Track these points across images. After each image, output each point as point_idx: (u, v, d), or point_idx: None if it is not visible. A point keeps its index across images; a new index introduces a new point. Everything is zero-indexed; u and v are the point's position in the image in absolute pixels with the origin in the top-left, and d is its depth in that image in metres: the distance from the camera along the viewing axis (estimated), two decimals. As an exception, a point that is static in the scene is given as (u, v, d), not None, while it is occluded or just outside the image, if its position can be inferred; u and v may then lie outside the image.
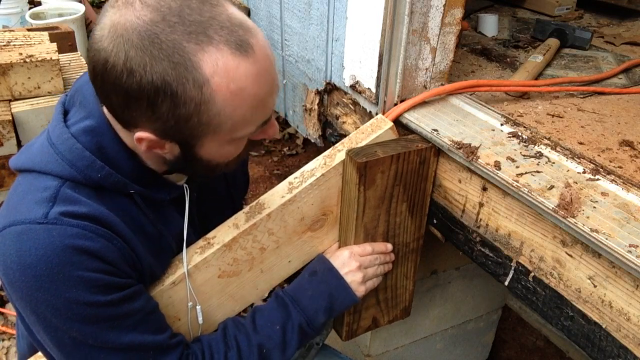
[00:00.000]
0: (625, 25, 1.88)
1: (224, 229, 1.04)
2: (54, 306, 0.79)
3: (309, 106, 1.50)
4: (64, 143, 0.84)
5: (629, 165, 0.98)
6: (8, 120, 2.10)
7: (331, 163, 1.07)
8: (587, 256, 0.84)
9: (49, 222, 0.78)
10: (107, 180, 0.85)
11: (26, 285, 0.78)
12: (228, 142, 0.82)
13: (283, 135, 3.61)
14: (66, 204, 0.81)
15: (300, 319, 1.04)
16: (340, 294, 1.09)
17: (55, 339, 0.83)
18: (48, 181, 0.83)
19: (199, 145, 0.81)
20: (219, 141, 0.81)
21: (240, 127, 0.80)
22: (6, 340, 2.03)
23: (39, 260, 0.77)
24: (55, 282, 0.78)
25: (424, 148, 1.07)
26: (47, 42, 2.33)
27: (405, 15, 1.05)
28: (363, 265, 1.12)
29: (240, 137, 0.83)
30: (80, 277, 0.79)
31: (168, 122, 0.76)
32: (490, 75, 1.42)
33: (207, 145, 0.82)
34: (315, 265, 1.12)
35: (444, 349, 1.88)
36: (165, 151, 0.83)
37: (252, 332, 1.02)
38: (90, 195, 0.84)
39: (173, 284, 0.98)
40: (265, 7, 1.65)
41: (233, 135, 0.81)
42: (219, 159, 0.86)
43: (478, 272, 1.71)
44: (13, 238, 0.78)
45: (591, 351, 0.87)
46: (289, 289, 1.08)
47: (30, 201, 0.81)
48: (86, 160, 0.83)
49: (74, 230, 0.79)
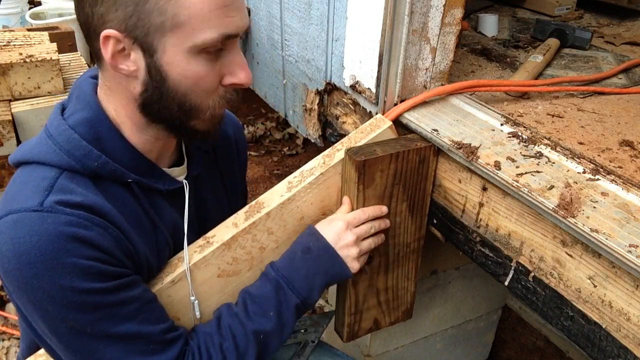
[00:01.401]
0: (625, 25, 1.88)
1: (223, 227, 1.04)
2: (50, 294, 0.79)
3: (309, 106, 1.50)
4: (62, 134, 0.85)
5: (629, 165, 0.98)
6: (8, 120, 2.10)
7: (330, 162, 1.07)
8: (587, 256, 0.84)
9: (43, 210, 0.79)
10: (104, 169, 0.86)
11: (21, 274, 0.78)
12: (191, 51, 0.81)
13: (283, 135, 3.61)
14: (62, 193, 0.82)
15: (295, 300, 1.01)
16: (335, 270, 1.05)
17: (53, 328, 0.82)
18: (46, 171, 0.84)
19: (161, 50, 0.80)
20: (181, 46, 0.80)
21: (199, 25, 0.79)
22: (6, 340, 2.03)
23: (32, 247, 0.77)
24: (49, 269, 0.78)
25: (423, 147, 1.07)
26: (47, 42, 2.33)
27: (405, 15, 1.05)
28: (359, 238, 1.06)
29: (203, 44, 0.80)
30: (75, 264, 0.79)
31: (128, 8, 0.77)
32: (490, 75, 1.42)
33: (169, 51, 0.80)
34: (308, 241, 1.05)
35: (444, 349, 1.88)
36: (130, 65, 0.82)
37: (246, 320, 0.99)
38: (87, 185, 0.85)
39: (172, 282, 0.98)
40: (265, 7, 1.65)
41: (194, 38, 0.79)
42: (187, 82, 0.83)
43: (478, 272, 1.71)
44: (9, 226, 0.79)
45: (591, 351, 0.87)
46: (281, 267, 1.03)
47: (27, 191, 0.82)
48: (83, 150, 0.85)
49: (68, 218, 0.80)
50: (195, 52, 0.81)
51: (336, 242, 1.04)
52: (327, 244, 1.04)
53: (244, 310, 1.00)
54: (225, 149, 1.16)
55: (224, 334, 0.97)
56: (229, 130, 1.18)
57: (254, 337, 0.97)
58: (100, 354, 0.85)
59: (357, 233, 1.06)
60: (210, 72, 0.84)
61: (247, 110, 3.79)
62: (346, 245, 1.05)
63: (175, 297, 0.99)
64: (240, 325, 0.98)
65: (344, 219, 1.06)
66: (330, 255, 1.04)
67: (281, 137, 3.60)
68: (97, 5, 0.79)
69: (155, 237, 0.95)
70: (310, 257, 1.03)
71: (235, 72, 0.86)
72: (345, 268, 1.05)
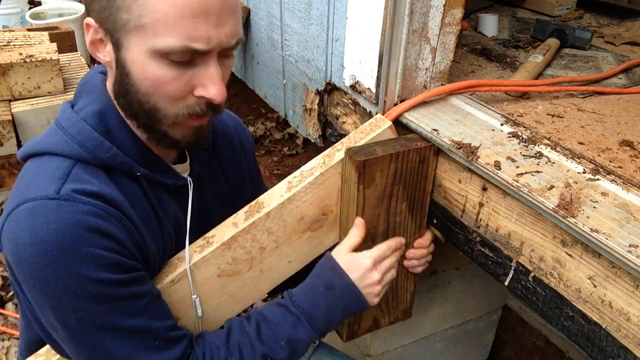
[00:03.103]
0: (625, 25, 1.88)
1: (223, 227, 1.04)
2: (64, 282, 0.79)
3: (309, 106, 1.50)
4: (74, 125, 0.86)
5: (629, 165, 0.98)
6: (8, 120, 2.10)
7: (330, 162, 1.07)
8: (587, 256, 0.84)
9: (61, 197, 0.79)
10: (115, 161, 0.87)
11: (36, 261, 0.78)
12: (152, 54, 0.79)
13: (283, 135, 3.61)
14: (78, 182, 0.82)
15: (313, 335, 1.00)
16: (354, 306, 1.03)
17: (63, 319, 0.82)
18: (60, 162, 0.84)
19: (125, 47, 0.81)
20: (143, 47, 0.79)
21: (162, 31, 0.77)
22: (6, 340, 2.03)
23: (50, 234, 0.77)
24: (66, 257, 0.78)
25: (423, 147, 1.07)
26: (47, 42, 2.33)
27: (405, 15, 1.05)
28: (384, 276, 1.05)
29: (163, 49, 0.78)
30: (92, 254, 0.79)
31: (102, 1, 0.80)
32: (490, 75, 1.42)
33: (132, 49, 0.80)
34: (330, 278, 1.02)
35: (444, 349, 1.88)
36: (105, 55, 0.85)
37: (258, 342, 0.97)
38: (100, 176, 0.86)
39: (172, 282, 0.98)
40: (265, 7, 1.65)
41: (155, 41, 0.78)
42: (146, 82, 0.82)
43: (478, 272, 1.71)
44: (25, 214, 0.79)
45: (591, 351, 0.87)
46: (301, 302, 1.01)
47: (41, 180, 0.82)
48: (95, 141, 0.86)
49: (86, 207, 0.80)
50: (157, 55, 0.79)
51: (361, 281, 1.02)
52: (351, 284, 1.02)
53: (257, 332, 0.98)
54: (227, 147, 1.16)
55: (232, 349, 0.97)
56: (230, 128, 1.18)
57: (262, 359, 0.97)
58: (107, 347, 0.84)
59: (382, 270, 1.05)
60: (175, 79, 0.81)
61: (247, 110, 3.79)
62: (371, 284, 1.03)
63: (175, 297, 0.99)
64: (250, 346, 0.97)
65: (370, 257, 1.04)
66: (354, 294, 1.02)
67: (281, 137, 3.60)
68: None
69: (160, 233, 0.95)
70: (333, 295, 1.01)
71: (205, 86, 0.83)
72: (365, 304, 1.04)
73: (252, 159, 1.25)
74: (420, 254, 1.20)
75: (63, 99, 2.29)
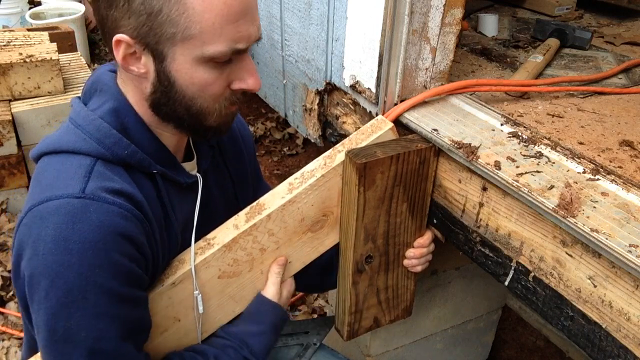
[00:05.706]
0: (625, 25, 1.88)
1: (224, 229, 1.04)
2: (70, 285, 0.79)
3: (309, 106, 1.50)
4: (91, 123, 0.87)
5: (629, 165, 0.98)
6: (8, 120, 2.10)
7: (331, 164, 1.07)
8: (587, 256, 0.84)
9: (86, 196, 0.80)
10: (133, 158, 0.88)
11: (54, 259, 0.78)
12: (199, 60, 0.83)
13: (283, 135, 3.61)
14: (101, 179, 0.83)
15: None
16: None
17: (51, 322, 0.81)
18: (81, 159, 0.85)
19: (170, 57, 0.83)
20: (190, 56, 0.82)
21: (210, 39, 0.81)
22: (6, 340, 2.03)
23: (74, 233, 0.78)
24: (83, 259, 0.78)
25: (423, 148, 1.07)
26: (47, 42, 2.33)
27: (405, 15, 1.05)
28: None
29: (211, 56, 0.83)
30: (110, 260, 0.80)
31: (141, 17, 0.79)
32: (490, 75, 1.42)
33: (178, 59, 0.83)
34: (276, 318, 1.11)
35: (444, 349, 1.88)
36: (140, 67, 0.85)
37: None
38: (121, 174, 0.87)
39: (173, 284, 0.98)
40: (265, 7, 1.65)
41: (203, 49, 0.82)
42: (193, 88, 0.86)
43: (478, 272, 1.71)
44: (51, 212, 0.79)
45: (591, 351, 0.87)
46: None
47: (65, 177, 0.83)
48: (113, 138, 0.86)
49: (111, 208, 0.81)
50: (203, 61, 0.83)
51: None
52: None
53: None
54: (231, 144, 1.17)
55: None
56: (233, 126, 1.18)
57: None
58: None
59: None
60: (218, 79, 0.86)
61: (247, 110, 3.79)
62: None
63: (175, 299, 0.99)
64: None
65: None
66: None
67: (281, 137, 3.60)
68: (111, 9, 0.81)
69: (167, 232, 0.96)
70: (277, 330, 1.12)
71: (244, 79, 0.89)
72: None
73: (252, 153, 1.27)
74: (420, 254, 1.20)
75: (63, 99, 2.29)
